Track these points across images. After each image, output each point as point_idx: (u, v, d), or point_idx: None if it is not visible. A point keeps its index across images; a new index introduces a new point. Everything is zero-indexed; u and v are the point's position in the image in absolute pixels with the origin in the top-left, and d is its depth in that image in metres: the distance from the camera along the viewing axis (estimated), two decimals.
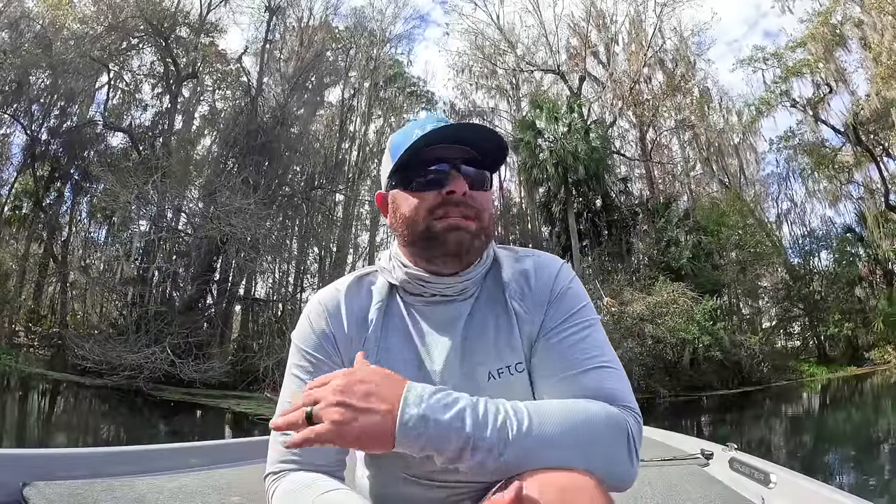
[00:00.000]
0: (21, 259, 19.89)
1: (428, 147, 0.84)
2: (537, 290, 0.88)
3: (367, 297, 0.91)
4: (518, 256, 0.94)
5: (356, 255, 27.05)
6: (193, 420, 12.80)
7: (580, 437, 0.68)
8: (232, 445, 2.50)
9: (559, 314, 0.85)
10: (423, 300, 0.89)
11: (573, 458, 0.67)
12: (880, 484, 5.92)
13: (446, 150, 0.85)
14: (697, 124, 28.00)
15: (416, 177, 0.85)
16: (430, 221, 0.84)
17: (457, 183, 0.83)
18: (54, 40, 18.62)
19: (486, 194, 0.87)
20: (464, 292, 0.89)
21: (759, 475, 1.93)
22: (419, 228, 0.85)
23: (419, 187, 0.85)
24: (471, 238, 0.84)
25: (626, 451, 0.71)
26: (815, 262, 27.52)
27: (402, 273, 0.89)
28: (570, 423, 0.69)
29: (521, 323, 0.86)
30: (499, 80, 29.78)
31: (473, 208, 0.84)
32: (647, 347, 17.56)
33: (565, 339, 0.83)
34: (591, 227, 25.06)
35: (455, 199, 0.83)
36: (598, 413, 0.72)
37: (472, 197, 0.84)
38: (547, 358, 0.83)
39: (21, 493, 1.46)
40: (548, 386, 0.81)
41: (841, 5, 23.56)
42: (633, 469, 0.72)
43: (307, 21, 26.36)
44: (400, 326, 0.89)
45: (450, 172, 0.84)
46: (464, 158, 0.86)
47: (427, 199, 0.84)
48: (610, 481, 0.68)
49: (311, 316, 0.91)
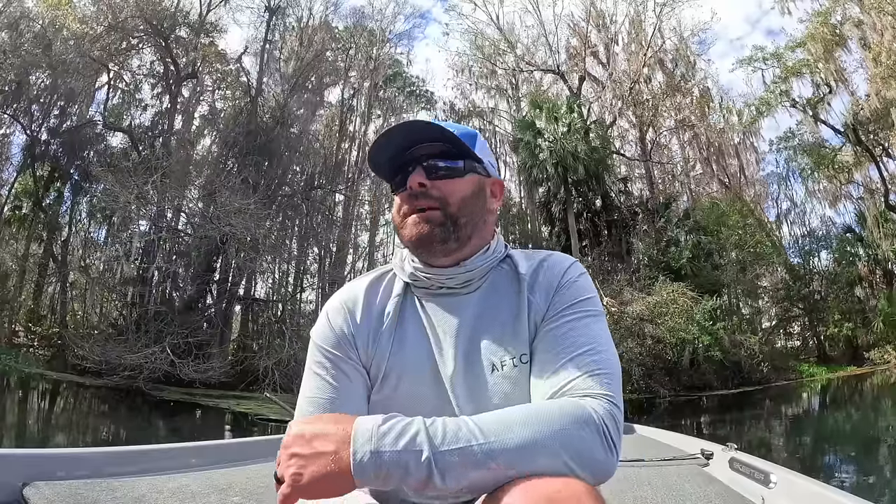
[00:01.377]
0: (21, 259, 19.90)
1: (408, 151, 0.89)
2: (546, 280, 0.90)
3: (385, 295, 0.94)
4: (533, 255, 0.96)
5: (356, 255, 27.09)
6: (193, 420, 12.79)
7: (547, 438, 0.66)
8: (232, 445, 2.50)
9: (562, 302, 0.86)
10: (430, 293, 0.92)
11: (546, 462, 0.65)
12: (880, 484, 5.92)
13: (420, 149, 0.89)
14: (697, 124, 28.04)
15: (392, 179, 0.92)
16: (401, 217, 0.90)
17: (413, 177, 0.88)
18: (54, 40, 18.62)
19: (453, 182, 0.89)
20: (468, 284, 0.91)
21: (759, 475, 1.93)
22: (396, 225, 0.92)
23: (397, 190, 0.92)
24: (430, 228, 0.87)
25: (598, 442, 0.69)
26: (814, 262, 27.61)
27: (411, 268, 0.92)
28: (536, 425, 0.67)
29: (531, 313, 0.87)
30: (498, 79, 29.81)
31: (433, 198, 0.87)
32: (647, 347, 17.56)
33: (562, 325, 0.84)
34: (590, 227, 25.07)
35: (413, 193, 0.88)
36: (561, 408, 0.70)
37: (433, 187, 0.87)
38: (543, 343, 0.84)
39: (21, 493, 1.46)
40: (539, 370, 0.81)
41: (840, 5, 23.58)
42: (611, 459, 0.70)
43: (307, 21, 26.39)
44: (414, 321, 0.91)
45: (414, 169, 0.89)
46: (432, 154, 0.89)
47: (400, 199, 0.91)
48: (589, 476, 0.67)
49: (330, 314, 0.93)
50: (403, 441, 0.64)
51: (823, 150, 26.04)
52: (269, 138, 21.06)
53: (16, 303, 18.90)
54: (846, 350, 23.70)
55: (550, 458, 0.66)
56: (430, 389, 0.86)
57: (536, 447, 0.66)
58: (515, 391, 0.83)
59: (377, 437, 0.64)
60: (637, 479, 2.14)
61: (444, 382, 0.86)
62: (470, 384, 0.85)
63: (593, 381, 0.76)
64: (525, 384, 0.83)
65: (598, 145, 23.42)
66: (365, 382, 0.89)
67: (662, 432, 3.26)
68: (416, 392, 0.86)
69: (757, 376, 19.42)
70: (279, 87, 23.75)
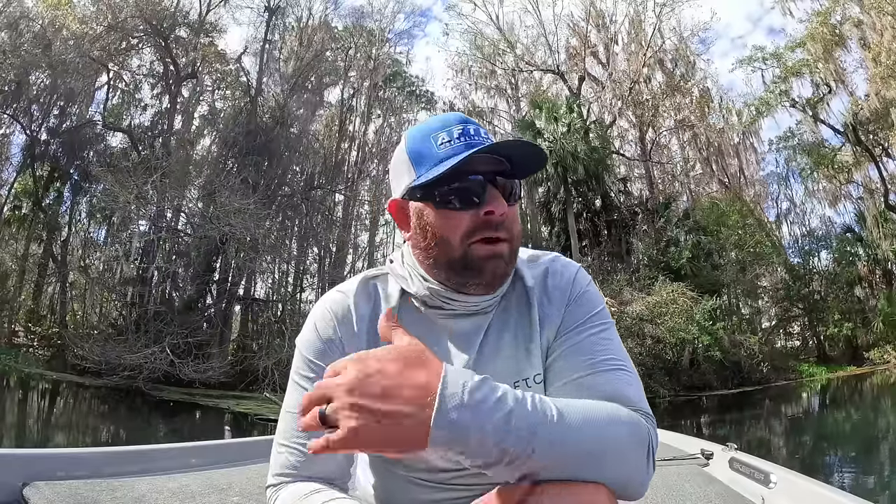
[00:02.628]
0: (20, 259, 19.90)
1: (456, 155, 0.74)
2: (555, 293, 0.84)
3: (377, 302, 0.84)
4: (535, 261, 0.88)
5: (356, 255, 27.06)
6: (193, 420, 12.80)
7: (607, 441, 0.62)
8: (232, 446, 2.50)
9: (576, 316, 0.81)
10: (442, 313, 0.82)
11: (597, 466, 0.61)
12: (880, 484, 5.92)
13: (480, 161, 0.75)
14: (697, 124, 28.03)
15: (447, 190, 0.75)
16: (467, 247, 0.75)
17: (496, 203, 0.74)
18: (54, 40, 18.61)
19: (515, 209, 0.79)
20: (489, 306, 0.83)
21: (759, 475, 1.93)
22: (455, 254, 0.76)
23: (451, 204, 0.75)
24: (505, 265, 0.77)
25: (645, 459, 0.66)
26: (814, 262, 27.60)
27: (423, 287, 0.81)
28: (596, 426, 0.62)
29: (542, 328, 0.82)
30: (498, 79, 29.79)
31: (507, 230, 0.76)
32: (647, 347, 17.56)
33: (581, 341, 0.79)
34: (590, 227, 25.07)
35: (495, 222, 0.75)
36: (622, 417, 0.66)
37: (507, 216, 0.76)
38: (562, 359, 0.79)
39: (21, 493, 1.46)
40: (561, 387, 0.76)
41: (840, 5, 23.58)
42: (650, 478, 0.67)
43: (306, 21, 26.39)
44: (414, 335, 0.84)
45: (486, 188, 0.75)
46: (496, 170, 0.77)
47: (463, 220, 0.75)
48: (628, 490, 0.64)
49: (317, 322, 0.84)
50: (498, 416, 0.55)
51: (823, 150, 26.04)
52: (268, 138, 21.06)
53: (15, 303, 18.91)
54: (846, 350, 23.71)
55: (607, 464, 0.62)
56: None
57: (598, 450, 0.61)
58: None
59: (467, 404, 0.55)
60: None
61: None
62: None
63: (634, 397, 0.73)
64: None
65: (597, 145, 23.42)
66: None
67: (662, 432, 3.25)
68: None
69: (757, 376, 19.43)
70: (279, 87, 23.75)
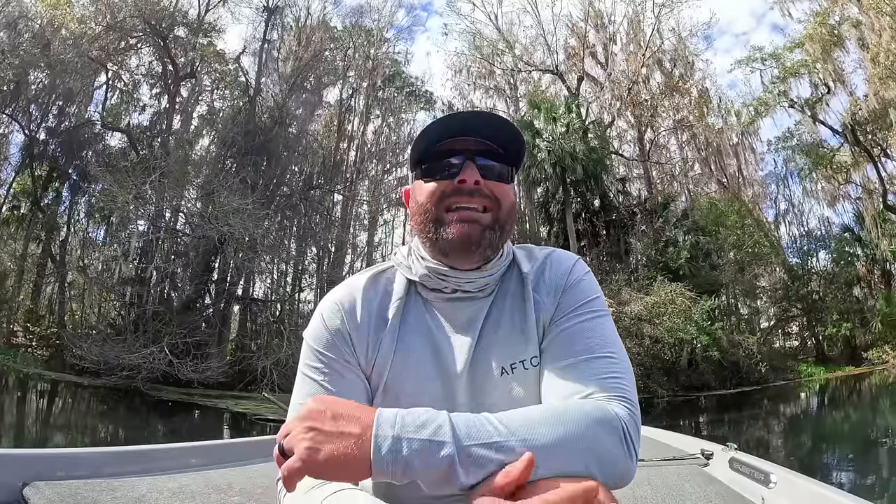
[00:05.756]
0: (19, 259, 19.87)
1: (450, 139, 0.86)
2: (552, 279, 0.88)
3: (384, 294, 0.89)
4: (535, 253, 0.95)
5: (354, 255, 27.05)
6: (191, 420, 12.79)
7: (572, 440, 0.65)
8: (232, 445, 2.50)
9: (571, 302, 0.85)
10: (443, 296, 0.88)
11: (569, 464, 0.64)
12: (880, 484, 5.93)
13: (464, 142, 0.86)
14: (696, 124, 28.07)
15: (433, 166, 0.86)
16: (441, 210, 0.85)
17: (468, 172, 0.83)
18: (52, 40, 18.59)
19: (504, 186, 0.87)
20: (484, 289, 0.88)
21: (759, 475, 1.93)
22: (430, 216, 0.85)
23: (433, 176, 0.86)
24: (481, 230, 0.83)
25: (620, 447, 0.68)
26: (813, 263, 27.68)
27: (422, 267, 0.87)
28: (561, 426, 0.66)
29: (538, 312, 0.86)
30: (497, 80, 29.83)
31: (488, 198, 0.84)
32: (646, 347, 17.58)
33: (574, 326, 0.83)
34: (589, 227, 25.11)
35: (467, 189, 0.83)
36: (586, 412, 0.69)
37: (487, 187, 0.84)
38: (555, 343, 0.82)
39: (21, 493, 1.45)
40: (553, 371, 0.80)
41: (839, 6, 23.61)
42: (631, 464, 0.69)
43: (305, 21, 26.39)
44: (418, 325, 0.87)
45: (464, 163, 0.84)
46: (480, 150, 0.86)
47: (440, 186, 0.85)
48: (609, 480, 0.66)
49: (325, 314, 0.87)
50: (427, 432, 0.62)
51: (822, 151, 26.08)
52: (267, 138, 21.05)
53: (14, 303, 18.87)
54: (844, 350, 23.74)
55: (574, 460, 0.65)
56: (436, 399, 0.81)
57: (561, 448, 0.65)
58: (526, 395, 0.81)
59: (401, 426, 0.62)
60: (636, 479, 2.13)
61: (451, 390, 0.83)
62: (478, 390, 0.83)
63: (612, 383, 0.75)
64: (535, 387, 0.82)
65: (596, 145, 23.46)
66: (364, 387, 0.85)
67: (662, 432, 3.25)
68: (421, 401, 0.82)
69: (755, 376, 19.46)
70: (277, 87, 23.74)
